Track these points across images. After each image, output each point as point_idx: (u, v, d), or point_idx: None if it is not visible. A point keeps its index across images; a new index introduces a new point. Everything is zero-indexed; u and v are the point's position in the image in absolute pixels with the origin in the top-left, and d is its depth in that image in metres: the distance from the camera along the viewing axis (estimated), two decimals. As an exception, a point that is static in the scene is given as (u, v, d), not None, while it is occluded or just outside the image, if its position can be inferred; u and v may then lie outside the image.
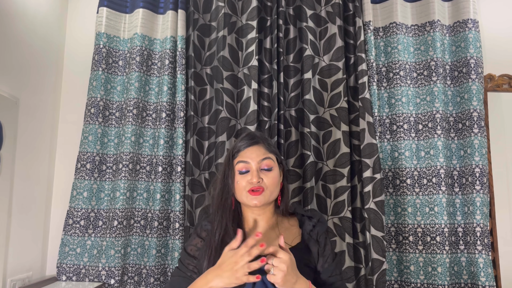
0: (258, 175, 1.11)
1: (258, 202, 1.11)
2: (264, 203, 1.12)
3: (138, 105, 1.91)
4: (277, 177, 1.15)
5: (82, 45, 2.08)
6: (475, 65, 1.88)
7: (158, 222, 1.84)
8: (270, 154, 1.16)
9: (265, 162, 1.13)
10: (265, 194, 1.12)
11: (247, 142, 1.16)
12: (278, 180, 1.16)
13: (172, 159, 1.91)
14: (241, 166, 1.13)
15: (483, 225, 1.77)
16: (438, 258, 1.75)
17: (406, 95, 1.90)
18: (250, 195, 1.11)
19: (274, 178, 1.14)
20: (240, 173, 1.13)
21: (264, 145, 1.17)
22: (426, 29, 1.96)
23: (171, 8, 1.96)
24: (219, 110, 1.91)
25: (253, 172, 1.12)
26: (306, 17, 1.96)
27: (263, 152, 1.15)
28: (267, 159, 1.14)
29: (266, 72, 1.93)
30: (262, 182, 1.11)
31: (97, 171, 1.90)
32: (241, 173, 1.13)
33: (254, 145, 1.15)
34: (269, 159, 1.14)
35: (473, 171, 1.82)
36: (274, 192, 1.14)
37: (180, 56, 1.91)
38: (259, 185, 1.11)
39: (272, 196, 1.15)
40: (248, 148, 1.15)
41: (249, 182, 1.11)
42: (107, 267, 1.77)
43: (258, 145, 1.16)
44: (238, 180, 1.13)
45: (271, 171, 1.14)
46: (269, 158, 1.15)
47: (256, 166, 1.12)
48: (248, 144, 1.16)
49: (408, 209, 1.83)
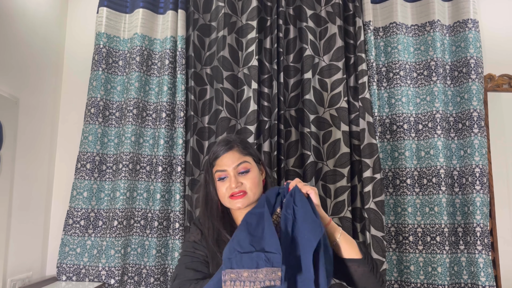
0: (237, 180, 1.13)
1: (241, 205, 1.13)
2: (247, 204, 1.14)
3: (138, 105, 1.91)
4: (256, 177, 1.16)
5: (82, 45, 2.08)
6: (475, 65, 1.88)
7: (158, 222, 1.84)
8: (245, 157, 1.17)
9: (242, 166, 1.15)
10: (247, 196, 1.14)
11: (221, 149, 1.18)
12: (258, 179, 1.17)
13: (172, 159, 1.91)
14: (219, 174, 1.15)
15: (483, 225, 1.77)
16: (438, 258, 1.75)
17: (406, 95, 1.90)
18: (232, 199, 1.13)
19: (253, 178, 1.15)
20: (220, 179, 1.16)
21: (238, 149, 1.18)
22: (426, 29, 1.96)
23: (171, 8, 1.96)
24: (219, 110, 1.91)
25: (231, 178, 1.13)
26: (306, 17, 1.96)
27: (238, 156, 1.16)
28: (243, 163, 1.15)
29: (266, 72, 1.93)
30: (242, 186, 1.13)
31: (97, 171, 1.90)
32: (220, 179, 1.15)
33: (228, 150, 1.17)
34: (244, 162, 1.15)
35: (473, 171, 1.82)
36: (256, 192, 1.15)
37: (180, 56, 1.91)
38: (240, 189, 1.13)
39: (256, 196, 1.16)
40: (223, 155, 1.16)
41: (228, 187, 1.13)
42: (107, 267, 1.77)
43: (233, 150, 1.17)
44: (218, 187, 1.16)
45: (249, 172, 1.15)
46: (245, 161, 1.16)
47: (233, 172, 1.14)
48: (223, 150, 1.17)
49: (408, 209, 1.83)
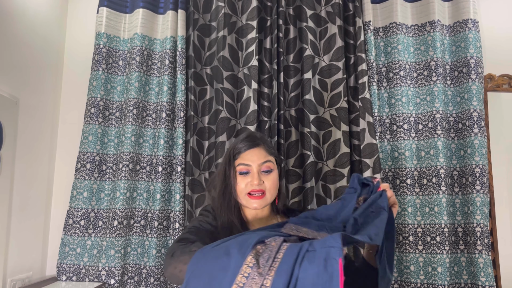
0: (259, 178, 1.12)
1: (258, 206, 1.13)
2: (263, 206, 1.14)
3: (138, 105, 1.91)
4: (276, 179, 1.16)
5: (82, 45, 2.08)
6: (475, 65, 1.88)
7: (158, 222, 1.84)
8: (270, 156, 1.17)
9: (266, 165, 1.14)
10: (265, 197, 1.13)
11: (248, 144, 1.16)
12: (277, 182, 1.17)
13: (172, 159, 1.91)
14: (242, 168, 1.14)
15: (483, 225, 1.77)
16: (438, 258, 1.75)
17: (406, 95, 1.90)
18: (250, 198, 1.12)
19: (274, 180, 1.15)
20: (241, 174, 1.14)
21: (264, 147, 1.17)
22: (426, 29, 1.96)
23: (171, 8, 1.96)
24: (219, 110, 1.91)
25: (254, 174, 1.12)
26: (306, 17, 1.96)
27: (264, 154, 1.15)
28: (268, 162, 1.15)
29: (266, 72, 1.93)
30: (263, 185, 1.13)
31: (97, 171, 1.90)
32: (242, 173, 1.14)
33: (255, 147, 1.16)
34: (269, 161, 1.15)
35: (473, 171, 1.82)
36: (273, 194, 1.16)
37: (180, 56, 1.91)
38: (260, 188, 1.12)
39: (272, 198, 1.16)
40: (249, 150, 1.15)
41: (249, 183, 1.12)
42: (107, 267, 1.77)
43: (259, 147, 1.16)
44: (238, 181, 1.14)
45: (271, 173, 1.15)
46: (270, 160, 1.15)
47: (257, 169, 1.13)
48: (249, 146, 1.16)
49: (408, 209, 1.82)
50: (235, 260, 0.78)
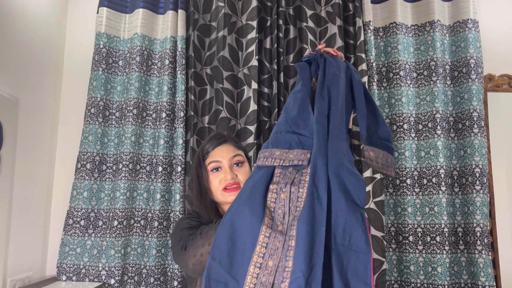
0: (232, 172, 1.14)
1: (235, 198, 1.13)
2: None
3: (138, 105, 1.91)
4: (249, 172, 1.18)
5: (82, 45, 2.08)
6: (475, 65, 1.88)
7: (158, 222, 1.84)
8: (239, 150, 1.19)
9: (236, 158, 1.16)
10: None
11: (215, 142, 1.19)
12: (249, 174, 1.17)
13: (172, 159, 1.91)
14: (213, 165, 1.16)
15: (483, 225, 1.77)
16: (438, 258, 1.75)
17: (406, 95, 1.90)
18: (226, 192, 1.13)
19: (247, 172, 1.17)
20: (213, 170, 1.15)
21: (232, 143, 1.20)
22: (426, 29, 1.96)
23: (171, 8, 1.96)
24: (219, 110, 1.91)
25: (226, 169, 1.14)
26: (306, 17, 1.96)
27: (232, 149, 1.18)
28: (237, 156, 1.17)
29: (266, 72, 1.93)
30: (236, 178, 1.14)
31: (97, 171, 1.90)
32: (214, 169, 1.15)
33: (222, 144, 1.18)
34: (239, 155, 1.18)
35: (473, 171, 1.82)
36: None
37: (180, 56, 1.91)
38: (234, 181, 1.13)
39: None
40: (217, 148, 1.17)
41: (223, 179, 1.14)
42: (107, 267, 1.77)
43: (227, 143, 1.19)
44: (212, 180, 1.15)
45: (243, 165, 1.17)
46: (239, 154, 1.18)
47: (228, 163, 1.15)
48: (217, 143, 1.18)
49: (408, 209, 1.83)
50: (251, 222, 0.85)
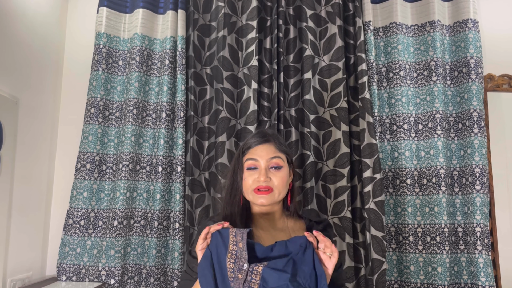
0: (266, 174, 1.09)
1: (265, 201, 1.09)
2: (271, 202, 1.10)
3: (138, 105, 1.91)
4: (286, 177, 1.12)
5: (82, 45, 2.08)
6: (475, 65, 1.88)
7: (158, 222, 1.84)
8: (280, 153, 1.14)
9: (274, 161, 1.11)
10: (273, 194, 1.10)
11: (258, 140, 1.15)
12: (287, 180, 1.13)
13: (172, 159, 1.91)
14: (250, 163, 1.12)
15: (483, 225, 1.77)
16: (438, 258, 1.75)
17: (406, 95, 1.90)
18: (257, 194, 1.09)
19: (283, 177, 1.11)
20: (248, 169, 1.12)
21: (275, 144, 1.15)
22: (426, 29, 1.96)
23: (171, 8, 1.96)
24: (219, 110, 1.91)
25: (261, 170, 1.10)
26: (306, 17, 1.96)
27: (273, 150, 1.13)
28: (277, 158, 1.12)
29: (266, 72, 1.93)
30: (270, 181, 1.10)
31: (97, 171, 1.90)
32: (250, 169, 1.11)
33: (264, 143, 1.14)
34: (278, 158, 1.12)
35: (473, 171, 1.82)
36: (282, 191, 1.12)
37: (180, 56, 1.91)
38: (267, 184, 1.09)
39: (280, 196, 1.12)
40: (258, 146, 1.13)
41: (256, 180, 1.09)
42: (107, 267, 1.77)
43: (269, 143, 1.14)
44: (245, 177, 1.12)
45: (280, 170, 1.11)
46: (279, 157, 1.12)
47: (265, 164, 1.10)
48: (259, 141, 1.14)
49: (408, 209, 1.83)
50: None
